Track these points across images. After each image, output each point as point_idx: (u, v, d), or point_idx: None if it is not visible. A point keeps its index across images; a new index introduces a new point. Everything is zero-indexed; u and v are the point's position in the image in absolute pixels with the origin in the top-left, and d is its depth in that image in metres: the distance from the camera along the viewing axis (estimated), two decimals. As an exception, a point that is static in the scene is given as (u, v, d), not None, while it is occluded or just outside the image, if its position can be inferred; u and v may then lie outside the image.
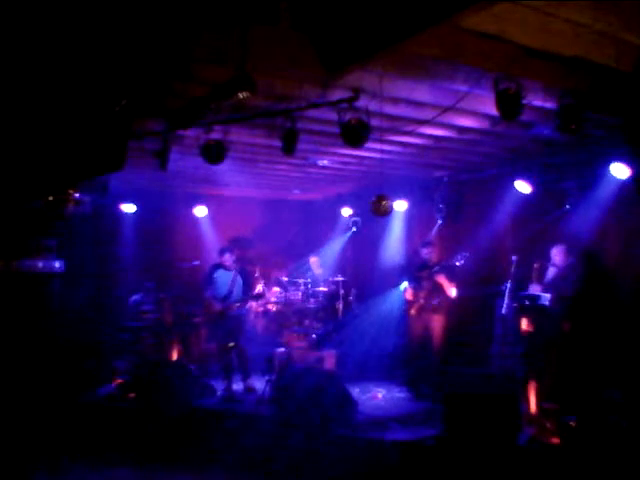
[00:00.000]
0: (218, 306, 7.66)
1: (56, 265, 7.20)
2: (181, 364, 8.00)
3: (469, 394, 5.22)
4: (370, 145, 5.27)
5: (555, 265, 6.41)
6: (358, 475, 5.17)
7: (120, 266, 9.07)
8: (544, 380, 5.94)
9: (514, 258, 6.53)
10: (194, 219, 10.03)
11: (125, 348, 8.11)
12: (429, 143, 6.59)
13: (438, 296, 7.49)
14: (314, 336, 8.55)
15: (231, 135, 5.67)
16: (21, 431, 5.70)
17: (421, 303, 7.58)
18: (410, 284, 7.75)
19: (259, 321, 9.44)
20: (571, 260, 6.38)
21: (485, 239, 7.61)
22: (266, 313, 9.45)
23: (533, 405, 5.86)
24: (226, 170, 7.18)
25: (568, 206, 6.77)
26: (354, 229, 9.77)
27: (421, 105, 5.23)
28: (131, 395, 7.15)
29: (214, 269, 7.93)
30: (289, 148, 5.23)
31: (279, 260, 10.37)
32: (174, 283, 9.27)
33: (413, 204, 8.92)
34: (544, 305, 6.12)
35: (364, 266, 10.19)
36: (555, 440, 5.37)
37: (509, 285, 6.40)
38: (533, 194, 7.01)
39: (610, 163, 6.01)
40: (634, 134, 4.94)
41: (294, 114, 5.01)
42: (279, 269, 10.04)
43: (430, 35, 3.56)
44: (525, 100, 4.29)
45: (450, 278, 7.41)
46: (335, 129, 4.96)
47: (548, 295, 6.17)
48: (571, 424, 5.33)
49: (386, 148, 6.42)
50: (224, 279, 7.82)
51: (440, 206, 8.37)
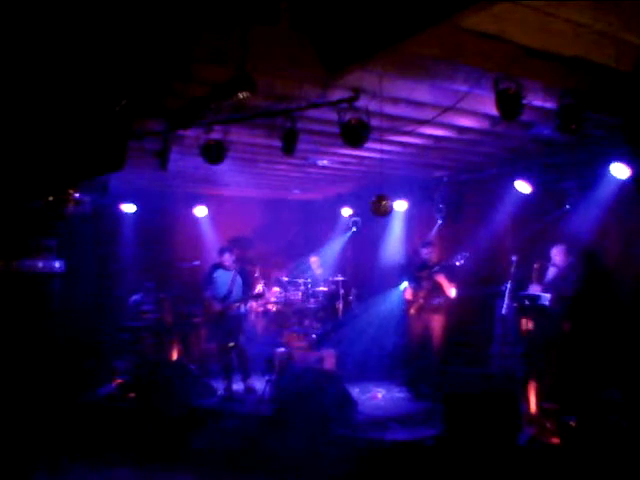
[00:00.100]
0: (218, 306, 7.66)
1: (56, 265, 7.19)
2: (181, 364, 8.01)
3: (469, 394, 5.22)
4: (370, 145, 5.26)
5: (555, 265, 6.42)
6: (358, 475, 5.16)
7: (120, 266, 9.07)
8: (544, 380, 5.94)
9: (514, 258, 6.53)
10: (194, 219, 10.04)
11: (125, 348, 8.12)
12: (429, 143, 6.59)
13: (438, 296, 7.49)
14: (314, 336, 8.55)
15: (231, 135, 5.67)
16: (21, 431, 5.70)
17: (421, 303, 7.58)
18: (410, 284, 7.75)
19: (259, 321, 9.45)
20: (571, 260, 6.39)
21: (485, 239, 7.60)
22: (266, 313, 9.45)
23: (533, 405, 5.86)
24: (226, 170, 7.19)
25: (568, 206, 6.77)
26: (354, 229, 9.77)
27: (421, 105, 5.23)
28: (131, 395, 7.16)
29: (214, 269, 7.93)
30: (289, 148, 5.23)
31: (279, 260, 10.37)
32: (174, 283, 9.28)
33: (413, 204, 8.92)
34: (544, 305, 6.12)
35: (364, 266, 10.19)
36: (555, 440, 5.37)
37: (509, 285, 6.40)
38: (533, 194, 7.01)
39: (610, 163, 6.01)
40: (634, 134, 4.94)
41: (294, 114, 5.01)
42: (279, 269, 10.04)
43: (430, 35, 3.56)
44: (525, 100, 4.29)
45: (450, 278, 7.41)
46: (335, 129, 4.96)
47: (548, 295, 6.17)
48: (571, 424, 5.33)
49: (386, 148, 6.42)
50: (224, 279, 7.82)
51: (440, 206, 8.37)
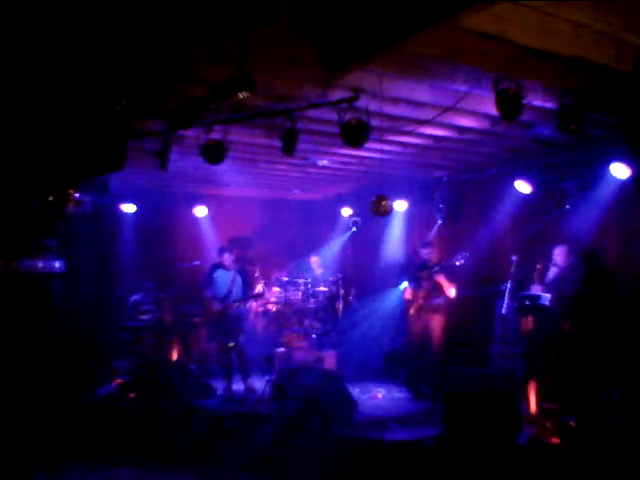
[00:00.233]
0: (218, 306, 7.66)
1: (56, 265, 7.19)
2: (181, 364, 8.02)
3: (469, 394, 5.22)
4: (370, 145, 5.26)
5: (557, 265, 6.41)
6: (358, 475, 5.16)
7: (120, 266, 9.07)
8: (544, 380, 5.94)
9: (514, 258, 6.53)
10: (194, 219, 10.03)
11: (125, 348, 8.12)
12: (429, 143, 6.59)
13: (438, 296, 7.49)
14: (314, 336, 8.56)
15: (231, 135, 5.67)
16: (21, 431, 5.69)
17: (420, 303, 7.58)
18: (410, 284, 7.75)
19: (259, 321, 9.44)
20: (572, 260, 6.38)
21: (485, 239, 7.60)
22: (266, 313, 9.45)
23: (533, 405, 5.86)
24: (226, 170, 7.18)
25: (568, 206, 6.77)
26: (354, 229, 9.77)
27: (421, 105, 5.23)
28: (131, 395, 7.16)
29: (213, 269, 7.93)
30: (289, 148, 5.23)
31: (279, 260, 10.36)
32: (174, 283, 9.28)
33: (413, 204, 8.92)
34: (544, 305, 6.13)
35: (364, 266, 10.19)
36: (555, 440, 5.37)
37: (509, 285, 6.41)
38: (533, 194, 7.01)
39: (610, 163, 6.01)
40: (634, 134, 4.94)
41: (294, 114, 5.01)
42: (279, 269, 10.03)
43: (430, 35, 3.56)
44: (525, 100, 4.29)
45: (450, 278, 7.41)
46: (335, 129, 4.95)
47: (548, 295, 6.17)
48: (571, 424, 5.33)
49: (386, 148, 6.42)
50: (224, 279, 7.81)
51: (440, 206, 8.37)
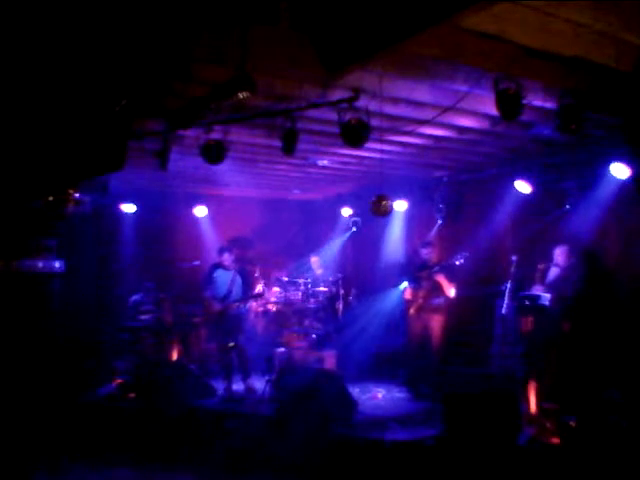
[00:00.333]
0: (217, 306, 7.66)
1: (56, 265, 7.19)
2: (181, 364, 8.01)
3: (469, 394, 5.21)
4: (370, 145, 5.26)
5: (558, 265, 6.40)
6: (358, 475, 5.16)
7: (120, 266, 9.07)
8: (544, 380, 5.94)
9: (514, 258, 6.53)
10: (194, 219, 10.03)
11: (125, 348, 8.11)
12: (429, 143, 6.59)
13: (437, 296, 7.48)
14: (314, 336, 8.55)
15: (231, 135, 5.66)
16: (21, 431, 5.70)
17: (420, 303, 7.57)
18: (410, 284, 7.75)
19: (259, 321, 9.44)
20: (573, 260, 6.38)
21: (485, 239, 7.60)
22: (266, 313, 9.44)
23: (533, 405, 5.86)
24: (226, 170, 7.18)
25: (568, 206, 6.77)
26: (354, 229, 9.77)
27: (421, 105, 5.23)
28: (131, 395, 7.16)
29: (213, 269, 7.92)
30: (289, 148, 5.23)
31: (279, 260, 10.36)
32: (174, 283, 9.28)
33: (413, 204, 8.92)
34: (544, 305, 6.12)
35: (364, 266, 10.20)
36: (555, 440, 5.37)
37: (509, 285, 6.41)
38: (533, 194, 7.01)
39: (610, 163, 6.01)
40: (634, 134, 4.94)
41: (294, 114, 5.01)
42: (279, 269, 10.03)
43: (430, 35, 3.56)
44: (525, 100, 4.29)
45: (450, 278, 7.41)
46: (335, 129, 4.95)
47: (548, 295, 6.17)
48: (571, 424, 5.33)
49: (386, 148, 6.42)
50: (223, 279, 7.81)
51: (440, 206, 8.37)
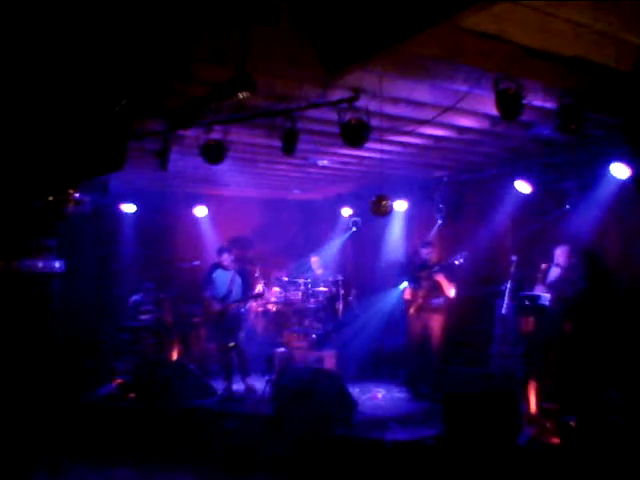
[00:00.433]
0: (217, 306, 7.66)
1: (56, 265, 7.19)
2: (181, 364, 8.01)
3: (469, 394, 5.21)
4: (370, 145, 5.26)
5: (558, 265, 6.40)
6: (358, 475, 5.16)
7: (120, 266, 9.07)
8: (544, 380, 5.94)
9: (514, 258, 6.54)
10: (194, 219, 10.03)
11: (125, 348, 8.12)
12: (429, 143, 6.58)
13: (437, 296, 7.49)
14: (314, 336, 8.55)
15: (231, 135, 5.66)
16: (21, 431, 5.70)
17: (420, 302, 7.57)
18: (409, 284, 7.75)
19: (259, 321, 9.45)
20: (574, 260, 6.37)
21: (485, 239, 7.60)
22: (266, 313, 9.45)
23: (533, 405, 5.86)
24: (226, 170, 7.18)
25: (568, 206, 6.77)
26: (354, 229, 9.77)
27: (421, 105, 5.22)
28: (131, 395, 7.16)
29: (213, 269, 7.93)
30: (289, 148, 5.22)
31: (279, 260, 10.37)
32: (174, 283, 9.29)
33: (413, 204, 8.92)
34: (544, 305, 6.12)
35: (364, 266, 10.20)
36: (555, 440, 5.37)
37: (509, 285, 6.41)
38: (533, 194, 7.01)
39: (610, 163, 6.00)
40: (634, 134, 4.94)
41: (294, 114, 5.01)
42: (279, 269, 10.04)
43: (430, 35, 3.55)
44: (525, 100, 4.28)
45: (449, 278, 7.41)
46: (335, 129, 4.95)
47: (548, 295, 6.17)
48: (571, 424, 5.32)
49: (386, 148, 6.42)
50: (223, 279, 7.81)
51: (440, 206, 8.37)
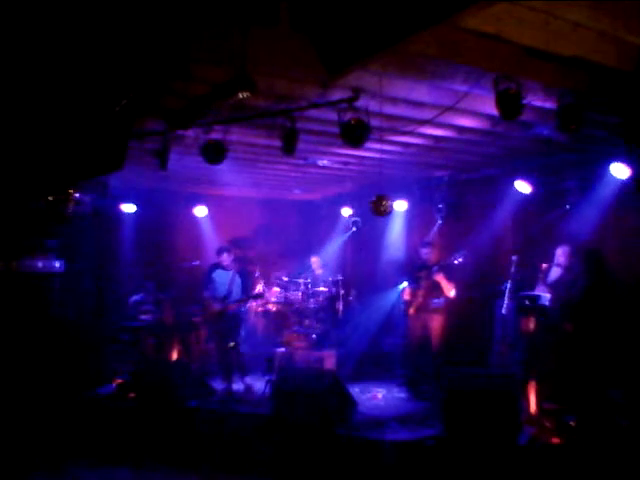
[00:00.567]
0: (217, 306, 7.66)
1: (56, 265, 7.20)
2: (181, 364, 8.01)
3: (469, 394, 5.21)
4: (370, 145, 5.26)
5: (559, 265, 6.40)
6: (358, 475, 5.16)
7: (120, 266, 9.08)
8: (544, 380, 5.94)
9: (514, 258, 6.53)
10: (194, 219, 10.04)
11: (125, 348, 8.12)
12: (429, 143, 6.58)
13: (437, 296, 7.48)
14: (314, 336, 8.55)
15: (231, 135, 5.67)
16: (21, 431, 5.70)
17: (419, 302, 7.57)
18: (409, 284, 7.74)
19: (259, 321, 9.45)
20: (575, 260, 6.37)
21: (485, 239, 7.61)
22: (266, 313, 9.45)
23: (533, 405, 5.86)
24: (226, 170, 7.19)
25: (568, 206, 6.77)
26: (354, 229, 9.76)
27: (421, 105, 5.22)
28: (131, 395, 7.15)
29: (212, 269, 7.93)
30: (289, 148, 5.23)
31: (279, 260, 10.37)
32: (174, 283, 9.28)
33: (413, 204, 8.92)
34: (544, 305, 6.12)
35: (364, 266, 10.20)
36: (555, 440, 5.37)
37: (509, 285, 6.41)
38: (533, 194, 7.01)
39: (610, 163, 6.01)
40: (634, 134, 4.95)
41: (294, 114, 5.01)
42: (279, 269, 10.04)
43: (430, 35, 3.56)
44: (525, 100, 4.28)
45: (449, 278, 7.40)
46: (335, 129, 4.95)
47: (548, 295, 6.16)
48: (571, 424, 5.33)
49: (386, 148, 6.42)
50: (223, 279, 7.81)
51: (440, 206, 8.38)
